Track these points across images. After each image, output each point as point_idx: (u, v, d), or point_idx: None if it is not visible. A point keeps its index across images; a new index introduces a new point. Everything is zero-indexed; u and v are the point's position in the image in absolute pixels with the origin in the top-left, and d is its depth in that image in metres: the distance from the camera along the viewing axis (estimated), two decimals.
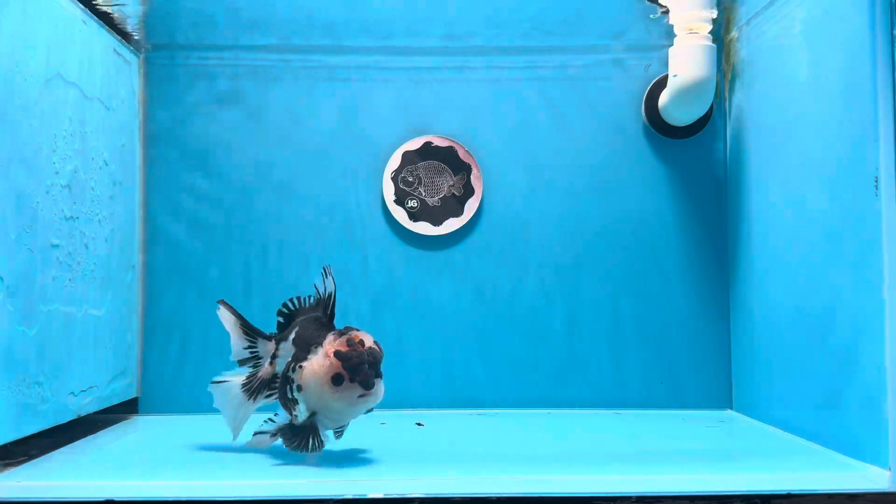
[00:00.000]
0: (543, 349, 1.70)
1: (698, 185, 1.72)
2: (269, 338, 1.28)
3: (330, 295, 1.23)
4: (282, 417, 1.25)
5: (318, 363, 1.17)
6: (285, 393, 1.22)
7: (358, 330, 1.19)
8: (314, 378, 1.17)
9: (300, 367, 1.19)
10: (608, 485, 1.08)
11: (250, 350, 1.29)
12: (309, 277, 1.69)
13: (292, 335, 1.24)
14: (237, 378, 1.29)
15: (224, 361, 1.68)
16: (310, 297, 1.27)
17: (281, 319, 1.29)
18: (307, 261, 1.70)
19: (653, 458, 1.25)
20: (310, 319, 1.23)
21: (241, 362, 1.30)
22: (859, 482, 1.09)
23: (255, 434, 1.25)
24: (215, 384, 1.29)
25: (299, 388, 1.19)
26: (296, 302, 1.28)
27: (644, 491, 1.06)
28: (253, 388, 1.27)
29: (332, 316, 1.23)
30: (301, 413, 1.20)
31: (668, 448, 1.31)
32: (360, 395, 1.15)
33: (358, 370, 1.15)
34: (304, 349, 1.20)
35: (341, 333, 1.18)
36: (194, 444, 1.40)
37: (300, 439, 1.19)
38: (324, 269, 1.24)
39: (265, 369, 1.27)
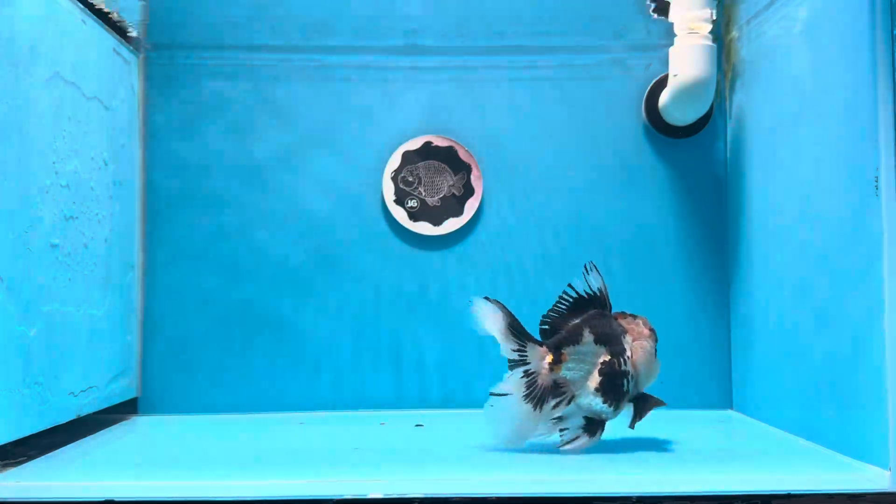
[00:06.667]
0: None
1: (698, 185, 1.72)
2: (540, 343, 1.25)
3: (601, 288, 1.27)
4: (574, 419, 1.26)
5: (647, 345, 1.28)
6: (620, 387, 1.25)
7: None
8: (649, 358, 1.27)
9: (627, 358, 1.25)
10: (608, 485, 1.08)
11: (519, 353, 1.24)
12: (309, 277, 1.70)
13: (590, 337, 1.24)
14: (516, 390, 1.23)
15: (223, 362, 1.68)
16: (569, 298, 1.27)
17: (546, 327, 1.28)
18: (307, 260, 1.70)
19: (653, 458, 1.25)
20: (596, 315, 1.26)
21: (511, 364, 1.25)
22: (859, 482, 1.09)
23: (567, 442, 1.25)
24: (496, 396, 1.23)
25: (632, 377, 1.26)
26: (560, 307, 1.27)
27: (644, 491, 1.06)
28: (537, 398, 1.23)
29: (610, 306, 1.28)
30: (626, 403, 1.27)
31: (668, 448, 1.31)
32: None
33: None
34: (616, 342, 1.26)
35: (633, 317, 1.30)
36: (194, 444, 1.40)
37: (598, 430, 1.27)
38: (586, 266, 1.27)
39: (544, 376, 1.23)
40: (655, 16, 1.59)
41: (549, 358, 1.24)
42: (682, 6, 1.55)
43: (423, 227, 1.70)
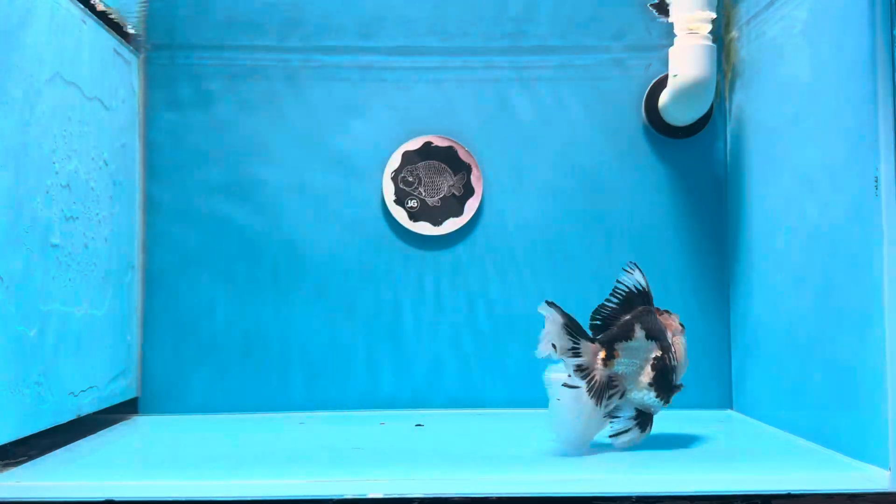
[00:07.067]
0: None
1: (698, 185, 1.72)
2: (592, 340, 1.26)
3: (647, 286, 1.30)
4: (625, 411, 1.28)
5: (682, 340, 1.32)
6: (671, 382, 1.30)
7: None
8: (684, 353, 1.32)
9: (673, 353, 1.30)
10: (608, 485, 1.08)
11: (573, 351, 1.24)
12: (308, 276, 1.70)
13: (641, 333, 1.27)
14: (581, 382, 1.23)
15: (223, 362, 1.68)
16: (621, 294, 1.29)
17: (598, 322, 1.29)
18: (307, 260, 1.70)
19: (653, 458, 1.25)
20: (644, 312, 1.29)
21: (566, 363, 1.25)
22: (859, 482, 1.09)
23: (619, 434, 1.27)
24: (567, 388, 1.23)
25: (677, 372, 1.31)
26: (610, 304, 1.29)
27: (644, 491, 1.06)
28: (599, 393, 1.24)
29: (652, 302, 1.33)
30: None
31: (668, 448, 1.31)
32: None
33: None
34: (664, 338, 1.29)
35: (668, 312, 1.34)
36: (194, 444, 1.40)
37: (648, 425, 1.30)
38: (627, 265, 1.30)
39: (600, 371, 1.25)
40: (656, 13, 1.59)
41: (602, 354, 1.26)
42: (682, 6, 1.55)
43: (423, 227, 1.70)
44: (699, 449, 1.32)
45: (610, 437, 1.27)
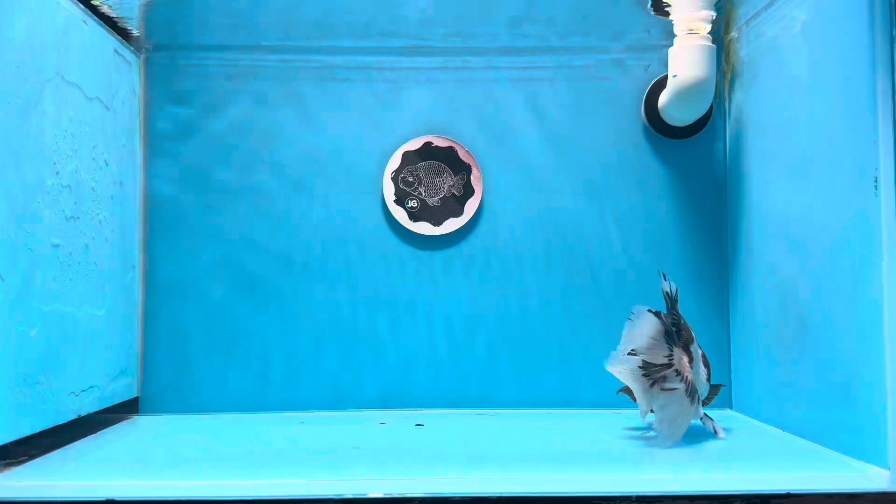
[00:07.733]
0: (543, 349, 1.70)
1: (698, 185, 1.72)
2: (677, 344, 1.31)
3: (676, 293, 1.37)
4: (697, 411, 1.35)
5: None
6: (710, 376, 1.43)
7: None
8: None
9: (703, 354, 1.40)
10: (608, 485, 1.08)
11: (668, 357, 1.30)
12: (309, 276, 1.70)
13: (691, 333, 1.35)
14: (680, 385, 1.30)
15: (224, 362, 1.68)
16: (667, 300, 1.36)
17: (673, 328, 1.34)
18: (307, 260, 1.70)
19: (653, 458, 1.25)
20: (681, 316, 1.36)
21: (655, 367, 1.30)
22: (859, 482, 1.09)
23: (716, 428, 1.38)
24: (672, 391, 1.29)
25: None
26: (677, 308, 1.36)
27: (644, 491, 1.06)
28: (693, 393, 1.32)
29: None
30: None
31: (667, 448, 1.31)
32: None
33: None
34: (694, 336, 1.37)
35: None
36: (194, 444, 1.40)
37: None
38: (663, 274, 1.38)
39: (687, 372, 1.31)
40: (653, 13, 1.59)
41: (685, 357, 1.32)
42: (682, 6, 1.55)
43: (423, 227, 1.70)
44: (699, 449, 1.32)
45: (720, 436, 1.36)
